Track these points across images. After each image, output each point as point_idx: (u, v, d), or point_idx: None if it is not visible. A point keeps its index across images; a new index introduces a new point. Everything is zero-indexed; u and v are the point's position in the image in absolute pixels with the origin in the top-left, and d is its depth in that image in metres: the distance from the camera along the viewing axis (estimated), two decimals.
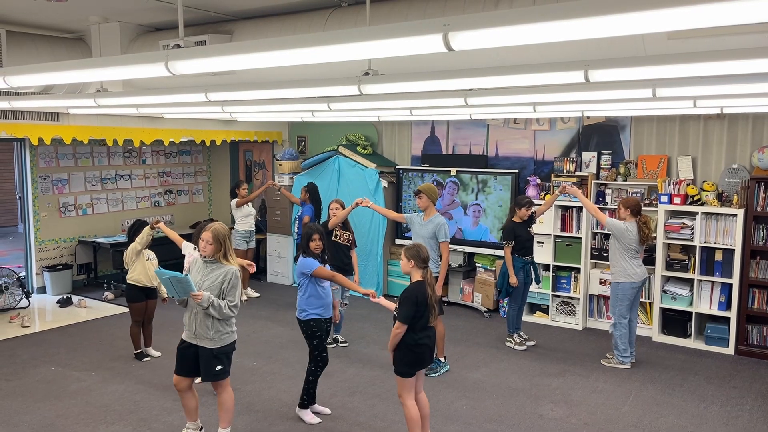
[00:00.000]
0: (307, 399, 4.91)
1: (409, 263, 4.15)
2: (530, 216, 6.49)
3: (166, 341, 6.49)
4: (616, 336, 6.01)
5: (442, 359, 5.90)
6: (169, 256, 6.50)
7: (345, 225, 6.51)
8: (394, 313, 4.18)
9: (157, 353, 6.24)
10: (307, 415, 4.88)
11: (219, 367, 4.24)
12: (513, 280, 6.39)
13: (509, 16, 1.99)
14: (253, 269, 5.44)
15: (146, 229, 5.84)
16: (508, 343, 6.63)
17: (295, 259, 7.83)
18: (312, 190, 7.95)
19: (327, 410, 4.99)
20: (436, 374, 5.76)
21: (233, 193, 8.56)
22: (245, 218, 8.51)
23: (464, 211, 8.13)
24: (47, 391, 5.43)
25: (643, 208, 6.42)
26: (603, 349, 6.43)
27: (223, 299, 4.15)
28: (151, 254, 6.03)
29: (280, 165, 9.46)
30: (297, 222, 7.93)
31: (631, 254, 5.91)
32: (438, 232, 5.77)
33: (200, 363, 4.25)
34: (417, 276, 4.15)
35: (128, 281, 6.00)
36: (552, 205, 6.77)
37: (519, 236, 6.42)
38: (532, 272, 6.57)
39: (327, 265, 4.91)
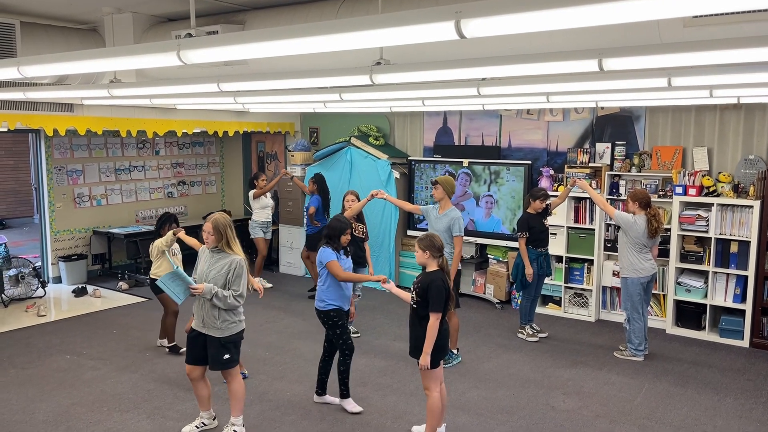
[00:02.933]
0: (345, 389, 4.89)
1: (424, 254, 4.11)
2: (545, 208, 6.47)
3: (178, 331, 6.52)
4: (630, 330, 5.97)
5: (455, 351, 5.90)
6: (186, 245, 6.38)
7: (359, 217, 6.50)
8: (412, 304, 4.15)
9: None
10: (349, 405, 4.87)
11: (227, 356, 4.28)
12: (528, 270, 6.36)
13: (522, 2, 1.97)
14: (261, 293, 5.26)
15: (170, 234, 5.79)
16: (520, 335, 6.62)
17: (313, 248, 7.87)
18: (319, 181, 7.98)
19: (336, 400, 5.01)
20: (448, 365, 5.76)
21: (251, 185, 8.59)
22: (262, 209, 8.54)
23: (476, 202, 8.10)
24: (62, 379, 5.49)
25: (653, 201, 6.38)
26: (616, 341, 6.39)
27: (228, 289, 4.17)
28: (176, 247, 5.92)
29: (293, 156, 9.48)
30: (305, 213, 7.99)
31: (639, 248, 5.85)
32: (452, 226, 5.74)
33: (208, 352, 4.28)
34: (433, 265, 4.12)
35: (153, 276, 5.90)
36: (566, 198, 6.74)
37: (533, 228, 6.39)
38: (546, 264, 6.55)
39: (349, 257, 4.93)
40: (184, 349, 5.99)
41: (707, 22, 3.33)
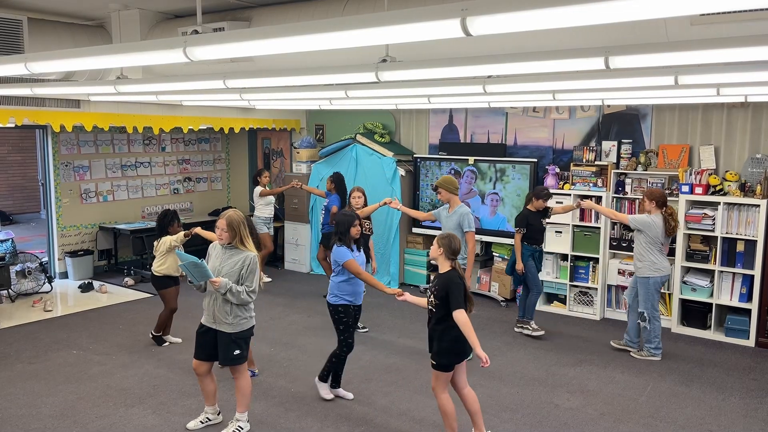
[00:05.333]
0: (327, 374, 5.02)
1: (438, 250, 4.10)
2: (546, 209, 6.49)
3: (185, 327, 6.55)
4: (650, 330, 5.94)
5: None
6: (196, 240, 6.37)
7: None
8: (431, 308, 4.09)
9: (177, 339, 6.29)
10: (323, 389, 5.01)
11: (237, 352, 4.29)
12: (519, 266, 6.41)
13: None
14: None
15: (181, 235, 5.86)
16: (525, 330, 6.57)
17: (329, 246, 7.88)
18: (338, 181, 7.93)
19: (350, 395, 5.05)
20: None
21: (255, 181, 8.64)
22: (266, 206, 8.61)
23: (482, 200, 8.09)
24: (69, 374, 5.52)
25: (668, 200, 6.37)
26: (620, 339, 6.37)
27: (241, 285, 4.19)
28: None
29: (298, 153, 9.49)
30: (323, 212, 8.00)
31: (658, 248, 5.85)
32: (462, 222, 5.72)
33: (218, 347, 4.30)
34: (446, 266, 4.07)
35: (156, 272, 5.97)
36: (566, 212, 6.76)
37: (531, 225, 6.42)
38: (540, 259, 6.62)
39: (362, 252, 4.94)
40: (169, 342, 6.15)
41: (714, 20, 3.32)
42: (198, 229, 5.89)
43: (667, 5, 1.80)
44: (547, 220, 6.64)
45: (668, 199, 6.75)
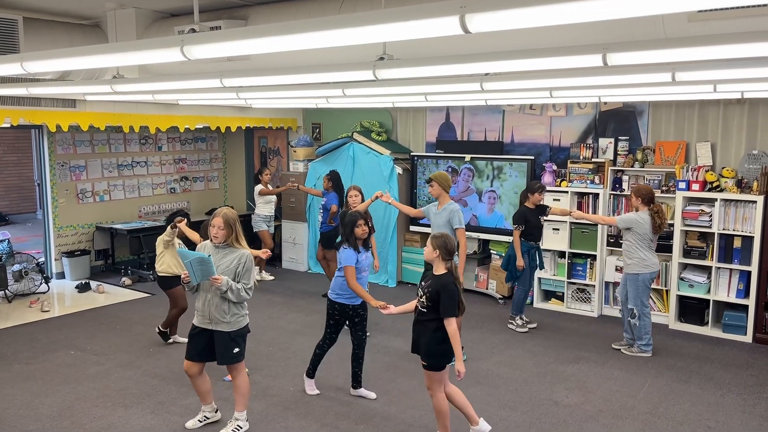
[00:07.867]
0: (312, 369, 5.14)
1: (434, 252, 3.99)
2: (544, 207, 6.55)
3: (182, 328, 6.54)
4: (640, 326, 5.96)
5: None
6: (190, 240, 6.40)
7: (365, 211, 6.48)
8: (420, 308, 4.05)
9: (183, 339, 6.22)
10: (308, 385, 5.13)
11: (236, 350, 4.30)
12: (520, 263, 6.48)
13: None
14: (267, 255, 5.51)
15: (168, 229, 5.86)
16: (510, 325, 6.73)
17: (328, 246, 7.82)
18: (335, 179, 7.90)
19: (372, 394, 5.07)
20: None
21: (257, 180, 8.70)
22: (266, 204, 8.70)
23: (479, 198, 8.10)
24: (67, 374, 5.51)
25: (656, 196, 6.36)
26: (618, 337, 6.38)
27: (238, 282, 4.18)
28: (178, 242, 6.03)
29: (295, 152, 9.48)
30: (321, 211, 7.94)
31: (647, 244, 5.86)
32: (452, 218, 5.69)
33: (216, 347, 4.29)
34: (441, 268, 4.01)
35: (158, 273, 5.99)
36: (563, 215, 6.77)
37: (529, 222, 6.49)
38: (537, 257, 6.70)
39: (369, 252, 4.99)
40: (173, 340, 6.15)
41: (712, 16, 3.32)
42: (182, 224, 5.84)
43: (665, 2, 1.80)
44: (545, 218, 6.66)
45: (665, 196, 6.81)
